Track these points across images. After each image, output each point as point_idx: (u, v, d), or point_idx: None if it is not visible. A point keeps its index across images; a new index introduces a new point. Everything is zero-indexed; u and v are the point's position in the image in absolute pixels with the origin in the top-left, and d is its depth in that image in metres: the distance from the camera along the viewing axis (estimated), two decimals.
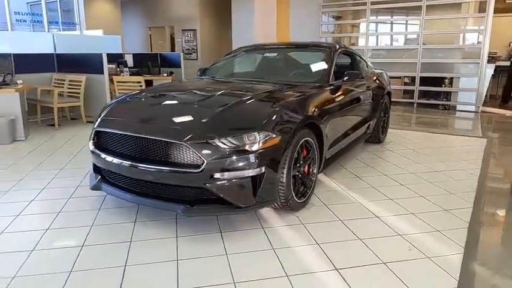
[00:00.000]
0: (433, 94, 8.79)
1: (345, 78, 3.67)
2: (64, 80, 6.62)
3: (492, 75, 8.10)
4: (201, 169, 2.42)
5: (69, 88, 6.54)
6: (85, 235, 2.61)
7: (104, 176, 2.98)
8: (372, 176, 3.87)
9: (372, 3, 8.83)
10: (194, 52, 12.14)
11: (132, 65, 8.05)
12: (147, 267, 2.23)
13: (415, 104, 8.71)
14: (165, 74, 7.90)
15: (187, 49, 12.17)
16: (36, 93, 6.34)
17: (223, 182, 2.45)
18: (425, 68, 8.40)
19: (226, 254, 2.37)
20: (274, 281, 2.09)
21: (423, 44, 8.42)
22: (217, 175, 2.43)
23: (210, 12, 12.06)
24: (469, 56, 8.19)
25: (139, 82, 6.50)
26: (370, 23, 9.33)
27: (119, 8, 10.91)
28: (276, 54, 4.24)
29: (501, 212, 3.19)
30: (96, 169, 3.06)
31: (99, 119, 2.96)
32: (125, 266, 2.23)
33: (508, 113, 7.83)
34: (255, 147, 2.48)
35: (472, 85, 8.03)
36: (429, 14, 8.34)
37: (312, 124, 3.01)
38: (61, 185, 3.58)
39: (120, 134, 2.71)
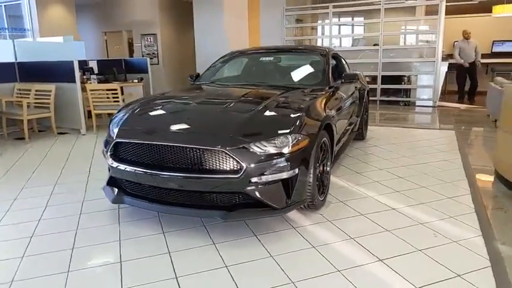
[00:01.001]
0: (393, 91, 9.36)
1: (343, 80, 3.86)
2: (29, 90, 6.19)
3: (446, 72, 8.83)
4: (240, 174, 2.44)
5: (36, 98, 6.13)
6: (118, 250, 2.52)
7: (123, 189, 2.89)
8: (371, 171, 4.09)
9: (334, 7, 9.23)
10: (155, 57, 11.85)
11: (97, 72, 7.73)
12: (200, 276, 2.22)
13: (378, 102, 9.22)
14: (136, 80, 7.67)
15: (147, 54, 11.85)
16: (1, 104, 5.87)
17: (260, 185, 2.50)
18: (386, 67, 8.93)
19: (271, 256, 2.41)
20: (330, 277, 2.18)
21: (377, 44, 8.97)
22: (254, 179, 2.47)
23: (171, 16, 11.86)
24: (426, 55, 8.86)
25: (115, 90, 6.26)
26: (333, 26, 9.73)
27: (73, 13, 10.36)
28: (273, 58, 4.32)
29: (496, 196, 3.51)
30: (111, 182, 2.95)
31: (116, 130, 2.86)
32: (177, 278, 2.20)
33: (462, 106, 8.58)
34: (288, 150, 2.55)
35: (428, 82, 8.68)
36: (388, 16, 8.89)
37: (327, 124, 3.14)
38: (63, 201, 3.39)
39: (149, 144, 2.65)
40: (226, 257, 2.40)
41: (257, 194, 2.50)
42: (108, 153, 2.84)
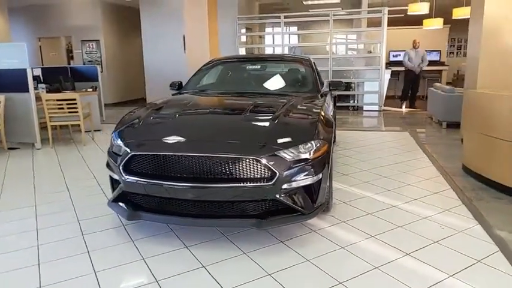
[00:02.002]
0: (342, 97, 9.94)
1: (330, 87, 4.05)
2: None
3: (389, 78, 9.62)
4: (273, 181, 2.46)
5: None
6: (147, 269, 2.38)
7: (136, 204, 2.73)
8: (355, 172, 4.33)
9: (286, 17, 9.57)
10: (98, 64, 11.20)
11: (41, 81, 7.11)
12: (249, 287, 2.19)
13: None
14: (90, 89, 7.20)
15: (89, 61, 11.18)
16: None
17: (290, 191, 2.54)
18: (335, 75, 9.46)
19: (308, 260, 2.46)
20: (372, 274, 2.29)
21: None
22: (285, 185, 2.51)
23: (115, 21, 11.32)
24: (371, 63, 9.56)
25: (73, 100, 5.81)
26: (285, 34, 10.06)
27: (6, 17, 9.40)
28: (260, 66, 4.39)
29: (473, 189, 3.89)
30: (120, 198, 2.78)
31: (131, 142, 2.70)
32: None
33: (404, 110, 9.40)
34: (314, 155, 2.62)
35: (374, 88, 9.37)
36: (336, 27, 9.45)
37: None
38: (55, 222, 3.09)
39: (174, 156, 2.54)
40: (264, 265, 2.40)
41: (288, 200, 2.53)
42: (121, 168, 2.67)
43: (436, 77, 11.49)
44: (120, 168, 2.67)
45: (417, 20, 10.90)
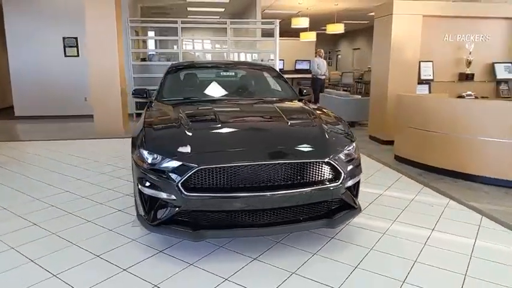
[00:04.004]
0: None
1: (304, 92, 4.36)
2: None
3: None
4: (340, 181, 2.63)
5: None
6: None
7: (196, 223, 2.49)
8: None
9: (183, 22, 9.41)
10: None
11: None
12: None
13: None
14: None
15: None
16: None
17: (348, 189, 2.76)
18: None
19: (371, 248, 2.72)
20: (417, 247, 2.72)
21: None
22: (347, 184, 2.71)
23: None
24: None
25: None
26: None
27: None
28: (235, 73, 4.35)
29: (420, 174, 4.79)
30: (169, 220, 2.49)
31: (191, 156, 2.45)
32: None
33: None
34: (357, 155, 2.90)
35: None
36: (236, 35, 9.80)
37: None
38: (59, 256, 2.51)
39: (244, 166, 2.43)
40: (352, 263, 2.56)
41: (347, 197, 2.74)
42: (180, 185, 2.39)
43: (308, 84, 13.10)
44: (179, 185, 2.39)
45: (291, 32, 12.27)
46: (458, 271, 2.43)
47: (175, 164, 2.45)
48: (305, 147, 2.69)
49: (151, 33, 12.72)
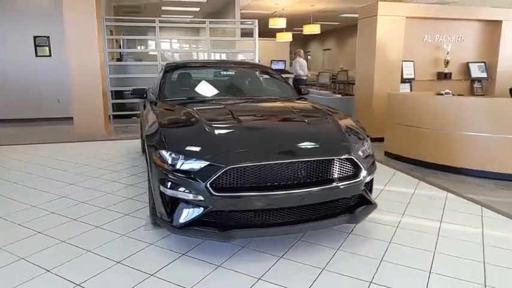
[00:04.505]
0: None
1: (303, 91, 4.41)
2: None
3: None
4: (362, 177, 2.68)
5: None
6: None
7: (222, 223, 2.46)
8: None
9: (161, 22, 9.21)
10: None
11: None
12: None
13: None
14: None
15: None
16: None
17: (367, 185, 2.82)
18: None
19: (389, 242, 2.80)
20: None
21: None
22: (366, 180, 2.77)
23: None
24: None
25: None
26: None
27: None
28: (234, 72, 4.32)
29: (412, 169, 4.96)
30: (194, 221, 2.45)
31: (219, 156, 2.41)
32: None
33: None
34: (371, 151, 2.97)
35: None
36: (212, 35, 9.71)
37: None
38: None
39: (272, 164, 2.44)
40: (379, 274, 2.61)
41: (366, 193, 2.80)
42: (208, 185, 2.35)
43: None
44: (208, 185, 2.35)
45: (267, 33, 12.33)
46: (476, 259, 2.55)
47: (202, 164, 2.40)
48: (328, 144, 2.72)
49: (129, 33, 12.36)
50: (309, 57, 23.32)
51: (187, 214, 2.46)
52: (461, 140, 4.46)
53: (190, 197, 2.42)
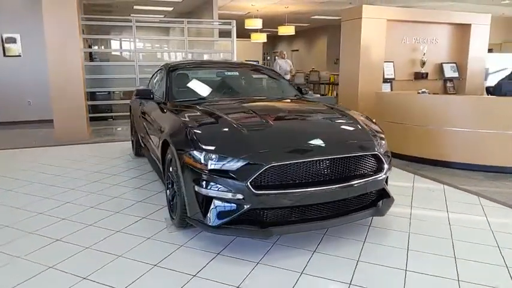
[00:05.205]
0: None
1: (303, 91, 4.51)
2: None
3: None
4: (385, 172, 2.82)
5: None
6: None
7: (260, 221, 2.50)
8: None
9: (137, 21, 8.99)
10: None
11: None
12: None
13: None
14: None
15: None
16: None
17: (386, 180, 2.96)
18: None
19: (409, 232, 2.96)
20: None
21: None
22: (387, 174, 2.91)
23: None
24: None
25: None
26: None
27: None
28: (240, 73, 4.33)
29: (407, 165, 5.17)
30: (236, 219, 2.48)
31: (258, 155, 2.45)
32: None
33: None
34: (387, 148, 3.12)
35: None
36: (189, 35, 9.62)
37: None
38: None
39: (309, 161, 2.52)
40: (412, 266, 2.75)
41: (387, 188, 2.95)
42: (249, 183, 2.38)
43: None
44: (249, 184, 2.38)
45: (241, 33, 12.35)
46: (491, 244, 2.77)
47: (241, 163, 2.43)
48: (355, 141, 2.84)
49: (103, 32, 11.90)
50: (277, 57, 23.61)
51: (225, 213, 2.47)
52: (448, 135, 4.77)
53: (229, 195, 2.43)
